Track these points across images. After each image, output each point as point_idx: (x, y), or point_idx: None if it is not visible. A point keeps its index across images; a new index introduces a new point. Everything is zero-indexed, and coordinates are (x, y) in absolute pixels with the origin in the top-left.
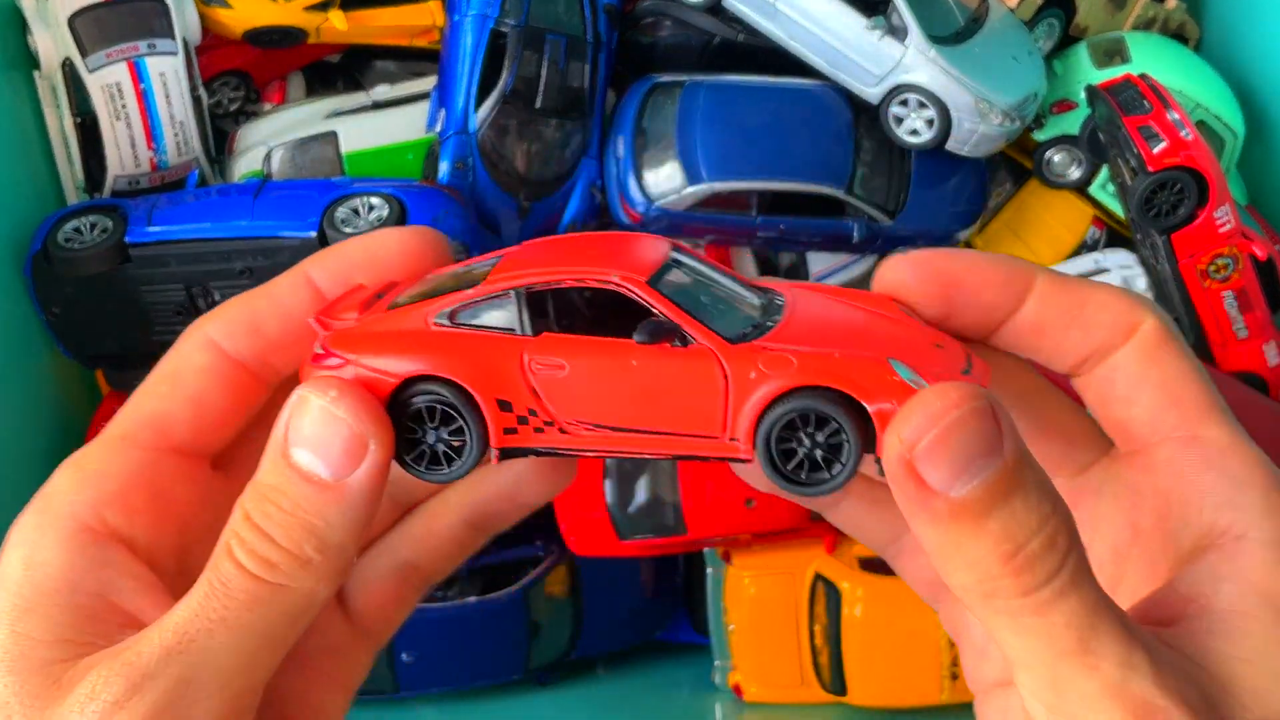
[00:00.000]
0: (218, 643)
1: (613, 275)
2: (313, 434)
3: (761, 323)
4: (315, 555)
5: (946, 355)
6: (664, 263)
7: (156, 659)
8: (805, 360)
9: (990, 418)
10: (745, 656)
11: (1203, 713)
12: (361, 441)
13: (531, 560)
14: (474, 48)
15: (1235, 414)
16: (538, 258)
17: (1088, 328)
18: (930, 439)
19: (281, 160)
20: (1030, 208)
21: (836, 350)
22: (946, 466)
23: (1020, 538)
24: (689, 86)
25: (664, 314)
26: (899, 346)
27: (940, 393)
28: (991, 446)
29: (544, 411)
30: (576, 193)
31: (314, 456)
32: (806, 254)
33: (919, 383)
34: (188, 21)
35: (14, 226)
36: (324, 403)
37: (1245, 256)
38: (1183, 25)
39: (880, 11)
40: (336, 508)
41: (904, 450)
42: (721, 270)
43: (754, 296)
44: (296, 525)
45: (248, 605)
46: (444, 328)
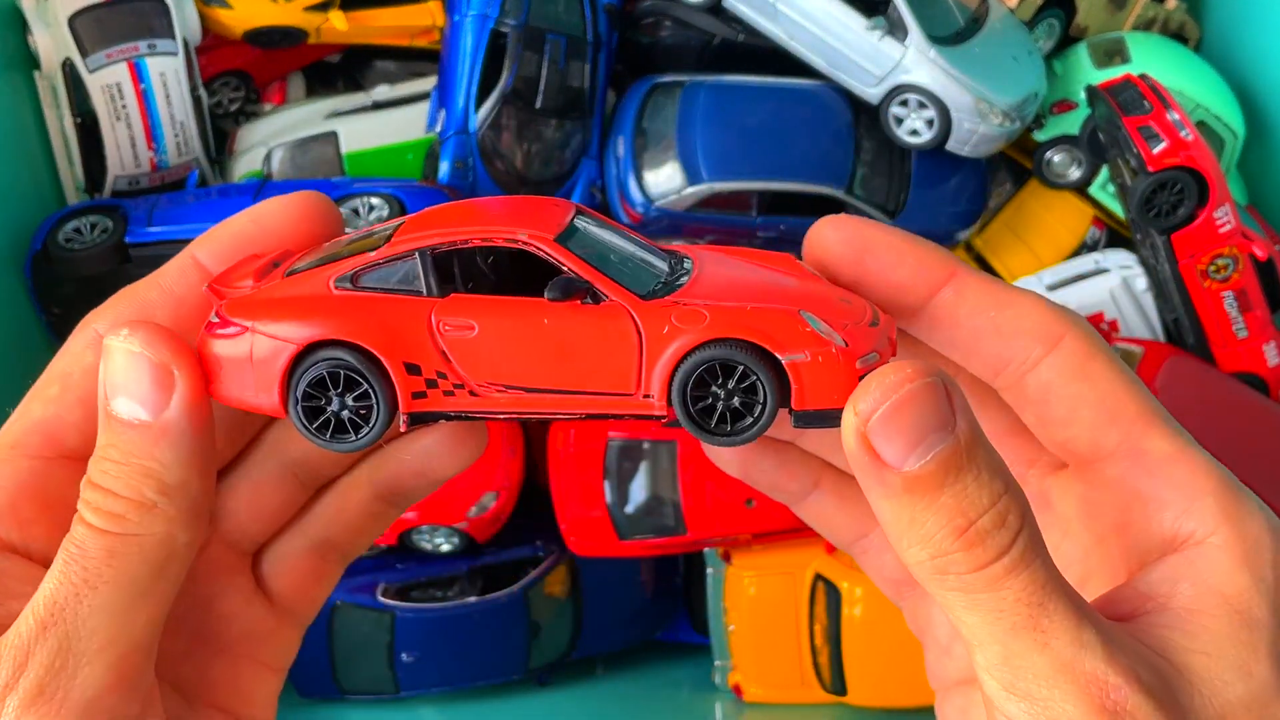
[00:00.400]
0: (86, 606)
1: (520, 234)
2: (121, 378)
3: (671, 280)
4: (158, 497)
5: (854, 309)
6: (569, 222)
7: (33, 635)
8: (717, 313)
9: (943, 394)
10: (745, 656)
11: (1158, 693)
12: (165, 371)
13: (531, 560)
14: (474, 48)
15: (1234, 415)
16: (442, 219)
17: (1004, 334)
18: (884, 412)
19: (281, 160)
20: (1030, 208)
21: (748, 304)
22: (900, 440)
23: (972, 513)
24: (689, 87)
25: (574, 271)
26: (808, 300)
27: (896, 368)
28: (944, 421)
29: (454, 374)
30: (576, 193)
31: (129, 400)
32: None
33: (830, 334)
34: (188, 21)
35: (14, 226)
36: (120, 343)
37: (1245, 257)
38: (1183, 25)
39: (880, 11)
40: (164, 445)
41: (859, 424)
42: (626, 232)
43: (660, 258)
44: (132, 472)
45: (105, 561)
46: (346, 290)
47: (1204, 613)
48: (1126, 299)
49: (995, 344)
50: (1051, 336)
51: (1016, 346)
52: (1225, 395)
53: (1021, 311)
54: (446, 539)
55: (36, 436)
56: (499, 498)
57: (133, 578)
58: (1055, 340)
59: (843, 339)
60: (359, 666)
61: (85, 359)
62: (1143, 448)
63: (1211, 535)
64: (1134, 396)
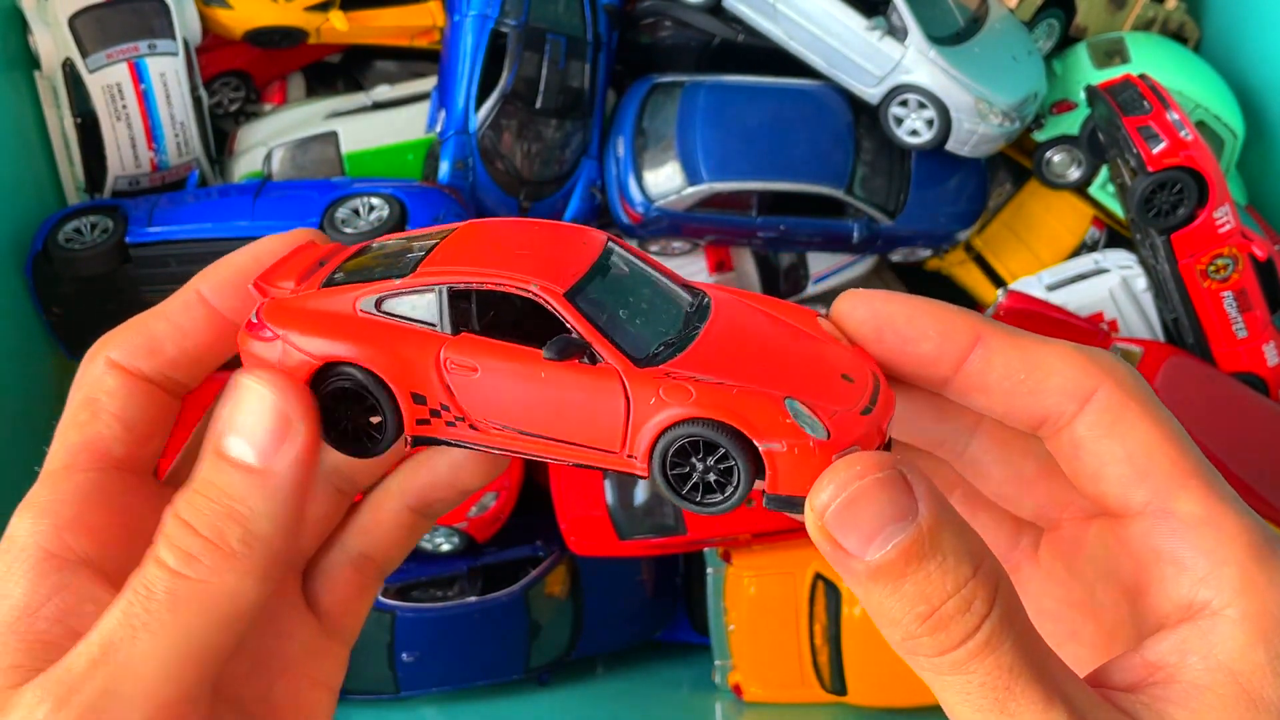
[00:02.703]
0: (140, 649)
1: (532, 285)
2: (242, 418)
3: (678, 340)
4: (239, 546)
5: (852, 390)
6: (592, 265)
7: (82, 672)
8: (704, 392)
9: (899, 486)
10: (745, 656)
11: None
12: (287, 421)
13: (531, 560)
14: (474, 48)
15: (1234, 415)
16: (474, 247)
17: (1036, 393)
18: (838, 505)
19: (281, 160)
20: (1030, 208)
21: (737, 383)
22: (857, 533)
23: (936, 599)
24: (689, 87)
25: (577, 330)
26: (804, 379)
27: (848, 464)
28: (903, 512)
29: (456, 408)
30: (576, 193)
31: (242, 441)
32: (806, 254)
33: (813, 425)
34: (188, 22)
35: (14, 226)
36: (253, 384)
37: (1245, 256)
38: (1183, 25)
39: (880, 12)
40: (261, 493)
41: (817, 518)
42: (654, 270)
43: (678, 304)
44: (220, 514)
45: (169, 606)
46: (369, 315)
47: (1210, 690)
48: (1126, 299)
49: (1029, 404)
50: (1083, 392)
51: (1050, 405)
52: (1225, 395)
53: (1053, 369)
54: (447, 539)
55: (84, 454)
56: (499, 498)
57: (193, 628)
58: (1087, 396)
59: (826, 429)
60: (359, 666)
61: (106, 383)
62: (1170, 508)
63: (1229, 606)
64: (1167, 453)
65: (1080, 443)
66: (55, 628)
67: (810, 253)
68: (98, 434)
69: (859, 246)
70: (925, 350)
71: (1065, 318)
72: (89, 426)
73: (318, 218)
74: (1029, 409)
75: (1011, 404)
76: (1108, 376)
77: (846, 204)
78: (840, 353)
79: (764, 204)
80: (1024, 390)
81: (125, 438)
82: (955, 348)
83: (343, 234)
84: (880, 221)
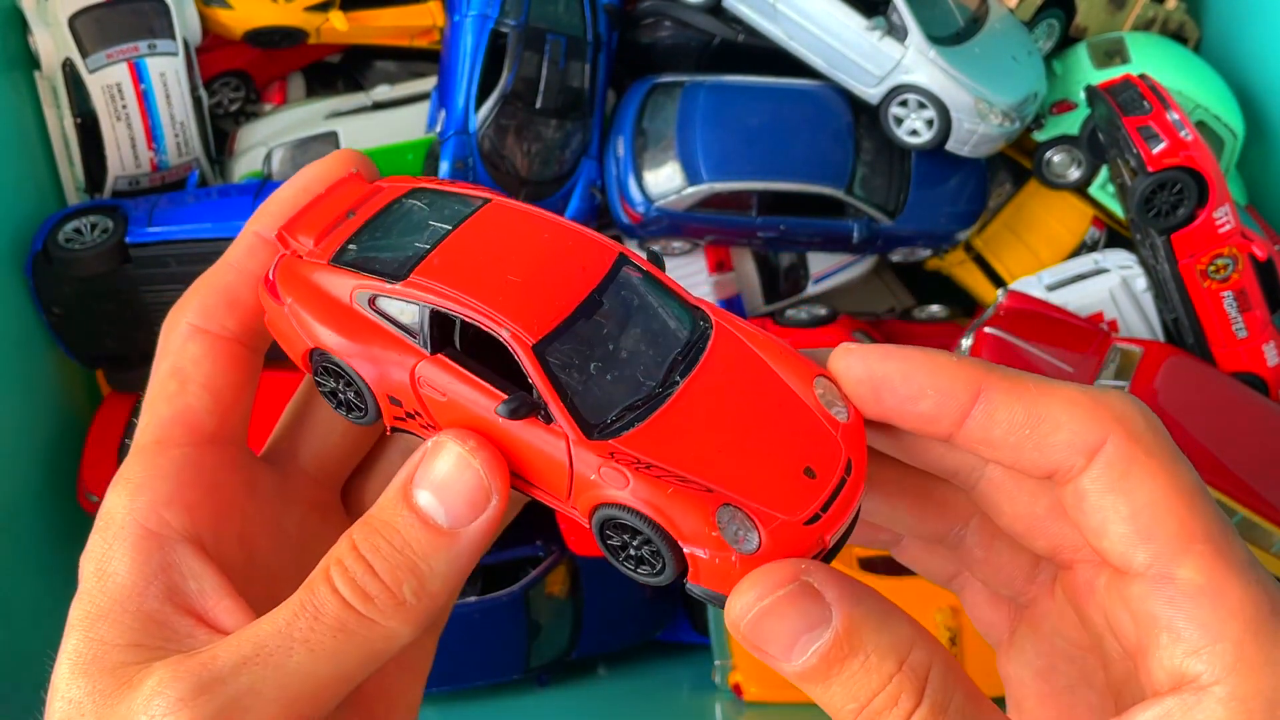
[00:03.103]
0: (294, 663)
1: (504, 331)
2: (441, 478)
3: (642, 404)
4: (411, 599)
5: (809, 489)
6: (582, 303)
7: (231, 666)
8: (640, 483)
9: (809, 597)
10: (745, 656)
11: None
12: (486, 494)
13: (531, 560)
14: (474, 48)
15: (1234, 415)
16: (474, 256)
17: (1042, 447)
18: (752, 618)
19: (282, 160)
20: (1030, 208)
21: (679, 475)
22: (775, 644)
23: (862, 697)
24: (689, 87)
25: (537, 388)
26: (757, 476)
27: (754, 579)
28: (815, 621)
29: (428, 417)
30: (576, 193)
31: (436, 500)
32: (806, 254)
33: (743, 538)
34: (188, 22)
35: (14, 226)
36: (461, 450)
37: (1245, 257)
38: (1183, 25)
39: (880, 12)
40: (445, 555)
41: (734, 631)
42: (659, 294)
43: (669, 344)
44: (402, 564)
45: (333, 633)
46: (361, 310)
47: None
48: (1126, 299)
49: (1036, 458)
50: (1090, 446)
51: (1057, 459)
52: (1225, 395)
53: (1058, 423)
54: None
55: (176, 428)
56: None
57: (348, 658)
58: (1095, 449)
59: (760, 541)
60: None
61: (190, 350)
62: (1171, 573)
63: (1218, 683)
64: (1175, 511)
65: (1085, 496)
66: (165, 606)
67: (810, 253)
68: (187, 405)
69: (859, 246)
70: (924, 409)
71: (1065, 318)
72: (178, 399)
73: None
74: (1036, 463)
75: (1018, 458)
76: (1117, 426)
77: (846, 204)
78: (815, 434)
79: (764, 204)
80: (1029, 445)
81: (214, 408)
82: (956, 404)
83: None
84: (880, 221)
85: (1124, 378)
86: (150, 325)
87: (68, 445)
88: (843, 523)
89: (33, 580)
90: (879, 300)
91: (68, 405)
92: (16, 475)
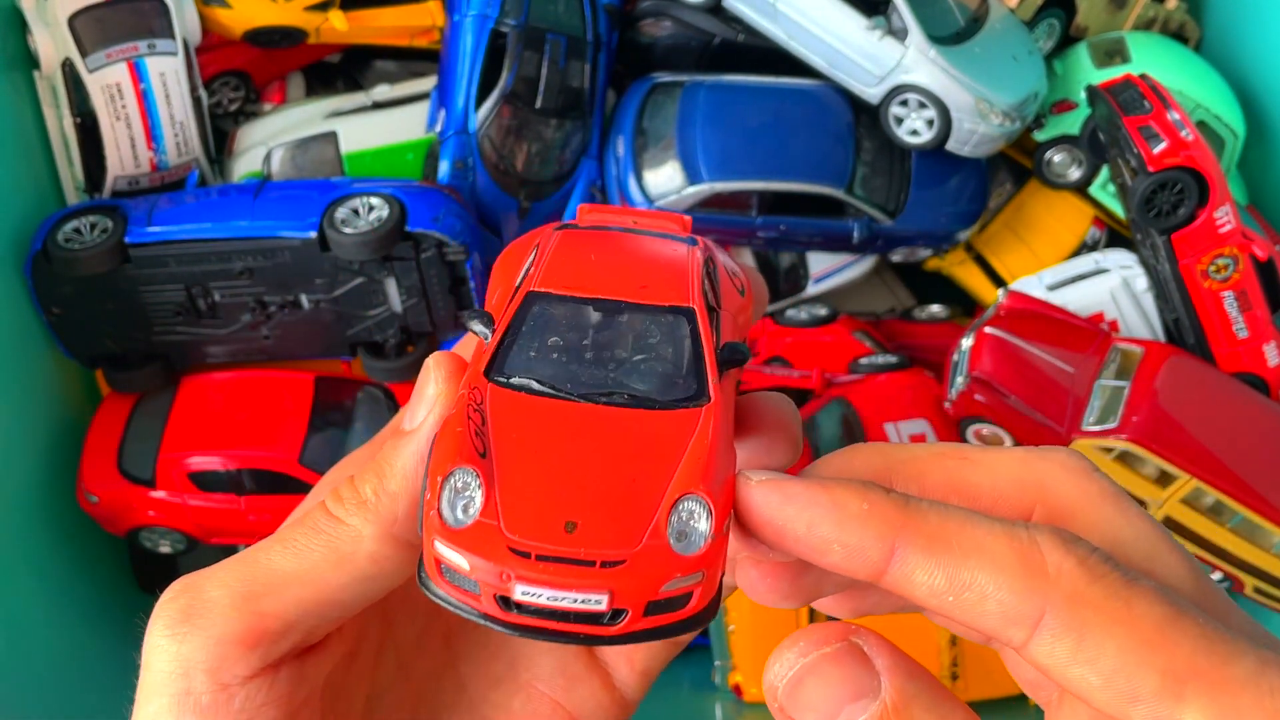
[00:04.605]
0: (264, 557)
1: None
2: (415, 391)
3: (547, 385)
4: (371, 496)
5: (552, 533)
6: (610, 301)
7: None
8: (456, 409)
9: (857, 660)
10: (745, 656)
11: None
12: (434, 393)
13: None
14: (474, 48)
15: (1234, 415)
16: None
17: (971, 618)
18: (786, 686)
19: (281, 160)
20: (1030, 208)
21: (470, 433)
22: (813, 710)
23: None
24: (689, 86)
25: (498, 316)
26: (531, 487)
27: (795, 637)
28: (863, 689)
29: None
30: (576, 193)
31: (409, 410)
32: (806, 254)
33: (457, 505)
34: (187, 22)
35: (14, 226)
36: (428, 360)
37: (1245, 257)
38: (1183, 25)
39: (880, 12)
40: (401, 451)
41: (771, 699)
42: (689, 354)
43: (632, 382)
44: (370, 468)
45: (306, 532)
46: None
47: None
48: (1126, 299)
49: (969, 626)
50: (1027, 619)
51: (993, 630)
52: (1225, 395)
53: (984, 592)
54: None
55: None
56: None
57: (312, 554)
58: (1034, 621)
59: (459, 516)
60: None
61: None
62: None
63: None
64: (1151, 660)
65: (1048, 670)
66: None
67: (810, 252)
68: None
69: (859, 246)
70: (833, 562)
71: (1066, 318)
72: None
73: (317, 217)
74: (970, 631)
75: (950, 623)
76: (1053, 591)
77: (846, 204)
78: (622, 524)
79: (764, 204)
80: (958, 613)
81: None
82: (866, 562)
83: (343, 234)
84: (880, 221)
85: (1124, 378)
86: (150, 325)
87: (67, 445)
88: (542, 584)
89: (32, 580)
90: (879, 300)
91: (67, 405)
92: (16, 475)
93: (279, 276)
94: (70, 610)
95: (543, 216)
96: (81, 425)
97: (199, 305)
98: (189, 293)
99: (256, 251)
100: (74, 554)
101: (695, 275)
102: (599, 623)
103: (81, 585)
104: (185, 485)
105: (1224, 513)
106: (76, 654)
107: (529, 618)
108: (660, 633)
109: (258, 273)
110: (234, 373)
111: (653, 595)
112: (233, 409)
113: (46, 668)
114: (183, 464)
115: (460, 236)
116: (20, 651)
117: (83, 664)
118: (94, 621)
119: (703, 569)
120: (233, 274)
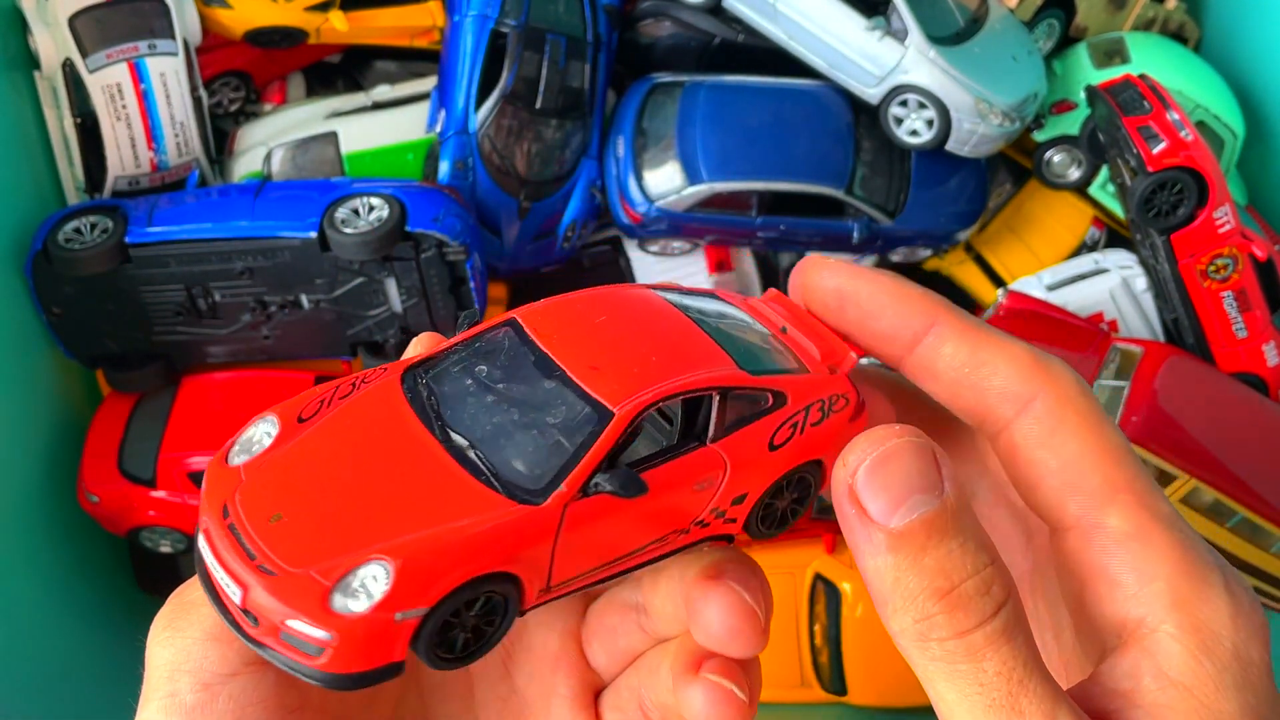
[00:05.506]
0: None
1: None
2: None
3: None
4: None
5: (321, 542)
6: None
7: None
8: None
9: (928, 457)
10: None
11: None
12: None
13: None
14: (474, 48)
15: (1233, 415)
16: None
17: (978, 390)
18: (870, 464)
19: (281, 160)
20: (1030, 208)
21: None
22: (886, 495)
23: (956, 576)
24: (689, 87)
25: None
26: (304, 500)
27: (885, 426)
28: (930, 483)
29: None
30: (576, 193)
31: None
32: (806, 254)
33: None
34: (188, 22)
35: (14, 226)
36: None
37: (1245, 257)
38: (1183, 25)
39: (880, 12)
40: None
41: (848, 475)
42: (570, 397)
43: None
44: None
45: None
46: None
47: (1170, 708)
48: (1126, 299)
49: (971, 399)
50: (1021, 398)
51: (990, 404)
52: (1225, 395)
53: (996, 369)
54: None
55: None
56: None
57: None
58: (1026, 402)
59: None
60: None
61: None
62: (1100, 523)
63: (1164, 623)
64: (1101, 465)
65: (1017, 450)
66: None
67: (810, 253)
68: None
69: (859, 246)
70: (881, 328)
71: (1065, 318)
72: None
73: (318, 218)
74: (970, 404)
75: (955, 395)
76: (1050, 385)
77: (846, 204)
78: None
79: (764, 204)
80: (967, 384)
81: None
82: (909, 329)
83: (343, 234)
84: (880, 221)
85: (1124, 378)
86: (150, 325)
87: (67, 445)
88: (213, 544)
89: (32, 580)
90: None
91: (67, 405)
92: (16, 475)
93: (279, 276)
94: (70, 610)
95: (543, 216)
96: (82, 425)
97: (199, 305)
98: (189, 293)
99: (257, 251)
100: (74, 554)
101: (675, 387)
102: (237, 612)
103: (81, 585)
104: (186, 485)
105: (1224, 513)
106: (76, 654)
107: (205, 561)
108: (283, 662)
109: (258, 273)
110: (234, 373)
111: (279, 621)
112: (233, 409)
113: (46, 668)
114: (183, 464)
115: (460, 236)
116: (20, 651)
117: (83, 664)
118: (94, 621)
119: (339, 633)
120: (233, 274)
